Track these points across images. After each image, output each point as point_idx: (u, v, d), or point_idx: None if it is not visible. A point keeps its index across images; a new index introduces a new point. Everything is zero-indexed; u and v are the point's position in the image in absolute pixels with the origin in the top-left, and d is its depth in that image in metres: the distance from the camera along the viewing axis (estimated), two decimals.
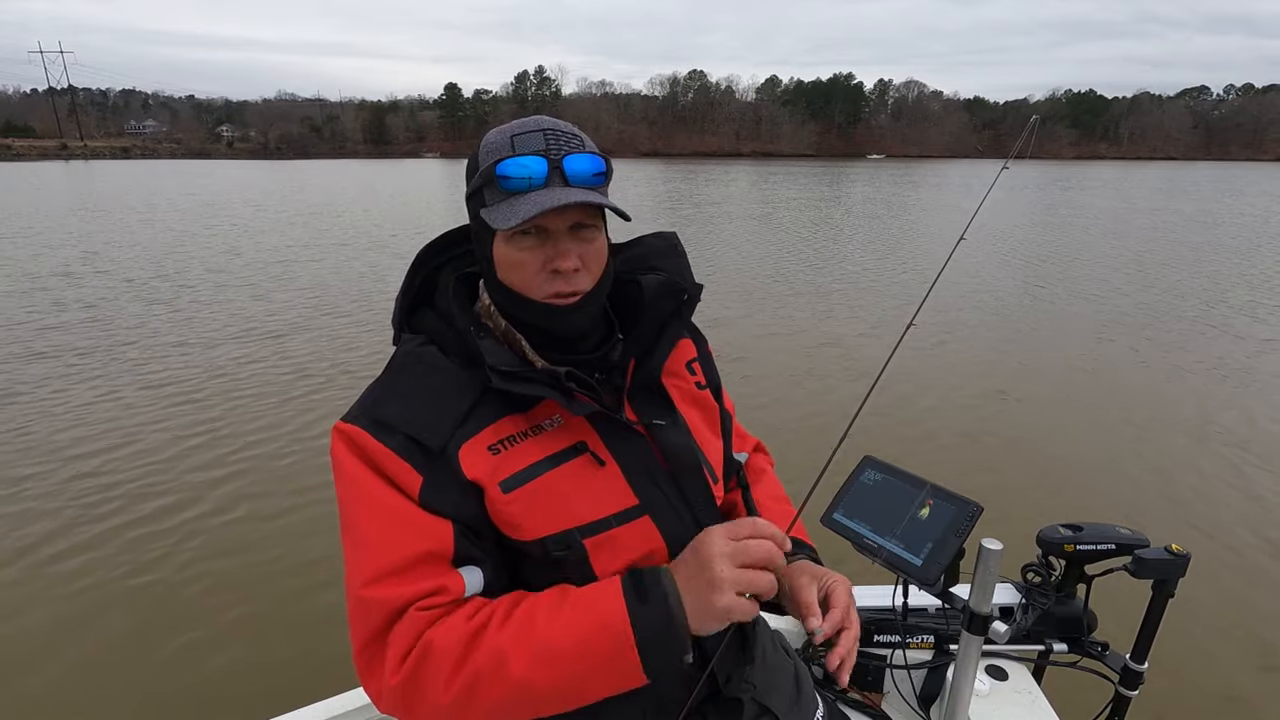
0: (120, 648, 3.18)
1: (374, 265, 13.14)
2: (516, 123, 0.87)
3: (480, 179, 0.86)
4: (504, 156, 0.84)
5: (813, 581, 0.92)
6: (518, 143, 0.84)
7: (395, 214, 23.04)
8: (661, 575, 0.80)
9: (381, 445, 0.82)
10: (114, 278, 11.60)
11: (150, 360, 7.23)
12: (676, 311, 1.01)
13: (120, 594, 3.54)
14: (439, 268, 0.99)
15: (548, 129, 0.86)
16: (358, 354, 7.53)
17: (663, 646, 0.76)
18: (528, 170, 0.82)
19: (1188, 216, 22.76)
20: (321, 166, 73.94)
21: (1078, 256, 14.13)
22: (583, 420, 0.90)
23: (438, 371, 0.88)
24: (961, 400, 6.19)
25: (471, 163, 0.89)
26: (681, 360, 1.07)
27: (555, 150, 0.84)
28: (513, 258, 0.86)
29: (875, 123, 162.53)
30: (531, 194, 0.82)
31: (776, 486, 1.22)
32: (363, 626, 0.80)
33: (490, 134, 0.88)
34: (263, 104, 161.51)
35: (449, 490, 0.83)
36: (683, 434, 0.99)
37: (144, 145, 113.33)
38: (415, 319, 0.96)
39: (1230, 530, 4.06)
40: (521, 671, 0.75)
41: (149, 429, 5.51)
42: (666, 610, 0.77)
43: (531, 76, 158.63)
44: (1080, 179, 49.90)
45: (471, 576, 0.84)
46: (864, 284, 11.46)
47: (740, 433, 1.22)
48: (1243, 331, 8.47)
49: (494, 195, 0.85)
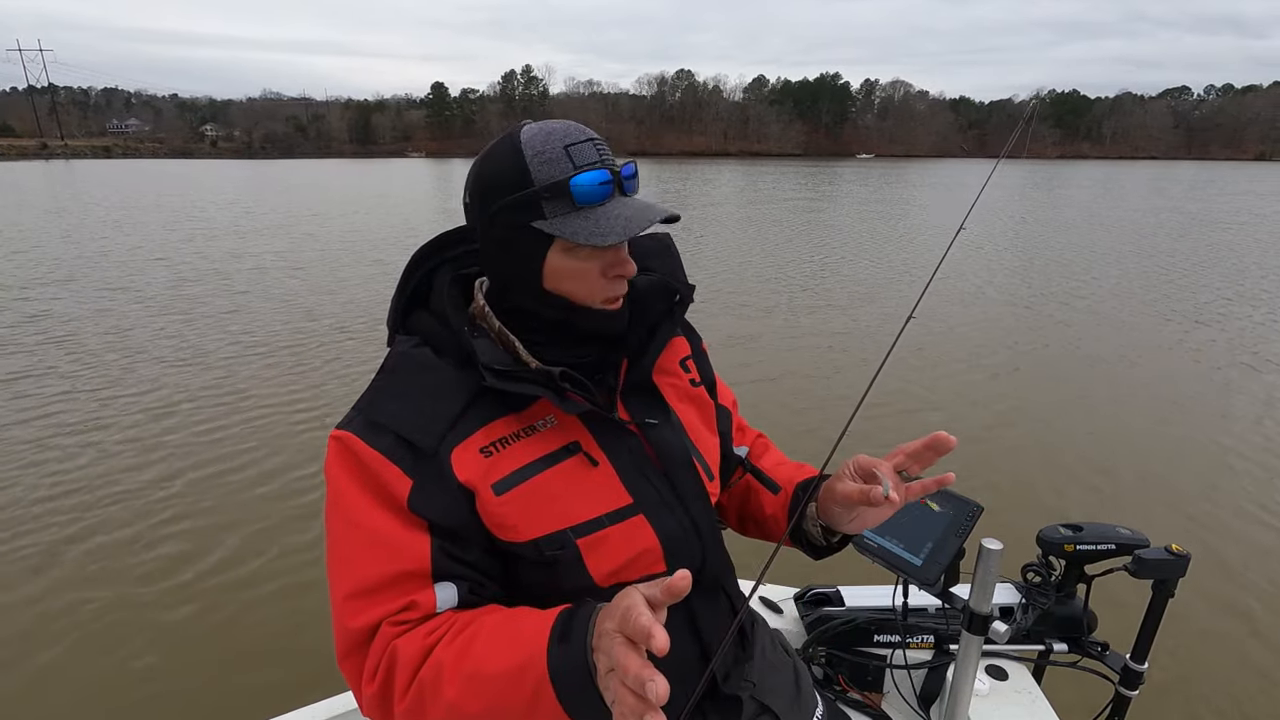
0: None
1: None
2: (557, 131, 0.86)
3: (543, 191, 0.84)
4: (578, 169, 0.84)
5: (841, 478, 0.94)
6: (574, 154, 0.84)
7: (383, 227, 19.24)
8: (591, 616, 0.73)
9: (372, 450, 0.83)
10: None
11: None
12: (669, 312, 1.02)
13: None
14: (434, 270, 0.99)
15: (593, 138, 0.87)
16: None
17: (579, 687, 0.70)
18: (602, 185, 0.84)
19: (1192, 216, 22.91)
20: (305, 166, 73.28)
21: (1077, 256, 14.18)
22: (576, 420, 0.90)
23: (431, 371, 0.88)
24: (961, 400, 6.21)
25: (506, 172, 0.85)
26: (675, 358, 1.07)
27: (609, 159, 0.86)
28: (574, 267, 0.87)
29: (862, 122, 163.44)
30: (609, 208, 0.84)
31: (780, 454, 1.23)
32: (343, 639, 0.83)
33: (532, 141, 0.85)
34: (248, 103, 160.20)
35: (438, 494, 0.83)
36: (675, 432, 1.00)
37: (126, 144, 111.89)
38: (410, 320, 0.96)
39: (1231, 530, 4.07)
40: (453, 693, 0.76)
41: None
42: (583, 654, 0.70)
43: (519, 76, 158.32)
44: (1067, 178, 50.36)
45: (444, 593, 0.84)
46: (868, 281, 11.51)
47: (741, 426, 1.23)
48: (1242, 330, 8.52)
49: (562, 208, 0.84)
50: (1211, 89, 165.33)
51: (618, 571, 0.90)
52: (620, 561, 0.90)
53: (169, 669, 3.04)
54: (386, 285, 8.98)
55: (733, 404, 1.20)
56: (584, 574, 0.88)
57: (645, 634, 0.61)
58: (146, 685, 2.95)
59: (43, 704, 2.85)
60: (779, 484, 1.13)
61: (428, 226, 18.83)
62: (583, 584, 0.90)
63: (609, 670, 0.66)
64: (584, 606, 0.75)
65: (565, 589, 0.90)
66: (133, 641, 3.19)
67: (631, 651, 0.63)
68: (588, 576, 0.89)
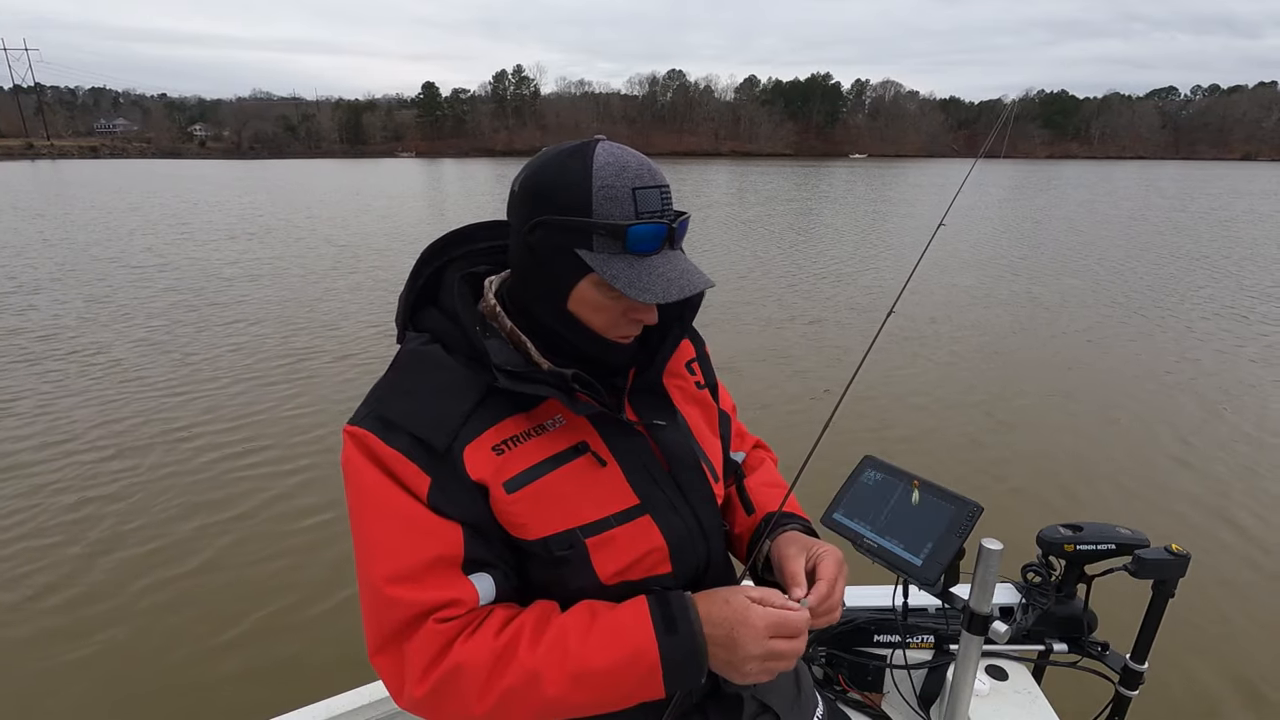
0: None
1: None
2: (630, 168, 0.85)
3: (599, 227, 0.83)
4: (639, 218, 0.84)
5: (801, 552, 0.96)
6: (640, 199, 0.84)
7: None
8: (688, 608, 0.87)
9: (389, 448, 0.84)
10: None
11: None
12: (679, 316, 1.03)
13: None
14: (444, 266, 0.99)
15: (661, 186, 0.86)
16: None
17: (685, 673, 0.85)
18: (656, 239, 0.85)
19: (1195, 214, 22.91)
20: (294, 166, 72.81)
21: (1076, 255, 14.19)
22: (584, 420, 0.92)
23: (442, 370, 0.89)
24: (962, 400, 6.20)
25: (568, 191, 0.84)
26: (681, 361, 1.10)
27: (671, 213, 0.87)
28: (598, 301, 0.88)
29: (853, 122, 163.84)
30: (655, 262, 0.85)
31: (772, 474, 1.23)
32: (378, 627, 0.83)
33: (603, 170, 0.84)
34: (237, 103, 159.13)
35: (456, 491, 0.85)
36: (682, 433, 1.01)
37: (113, 145, 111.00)
38: (419, 317, 0.96)
39: (1231, 530, 4.06)
40: (556, 691, 0.81)
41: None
42: (692, 643, 0.85)
43: (510, 75, 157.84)
44: (1058, 177, 50.57)
45: (483, 584, 0.86)
46: (873, 278, 11.53)
47: (740, 432, 1.24)
48: (1242, 328, 8.53)
49: (612, 247, 0.84)
50: (1199, 89, 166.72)
51: (623, 571, 0.91)
52: (626, 561, 0.91)
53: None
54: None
55: (732, 409, 1.21)
56: (590, 573, 0.90)
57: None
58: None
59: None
60: (754, 506, 1.14)
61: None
62: (588, 583, 0.91)
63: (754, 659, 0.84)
64: (672, 597, 0.87)
65: (571, 587, 0.91)
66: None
67: (782, 642, 0.85)
68: (593, 576, 0.90)
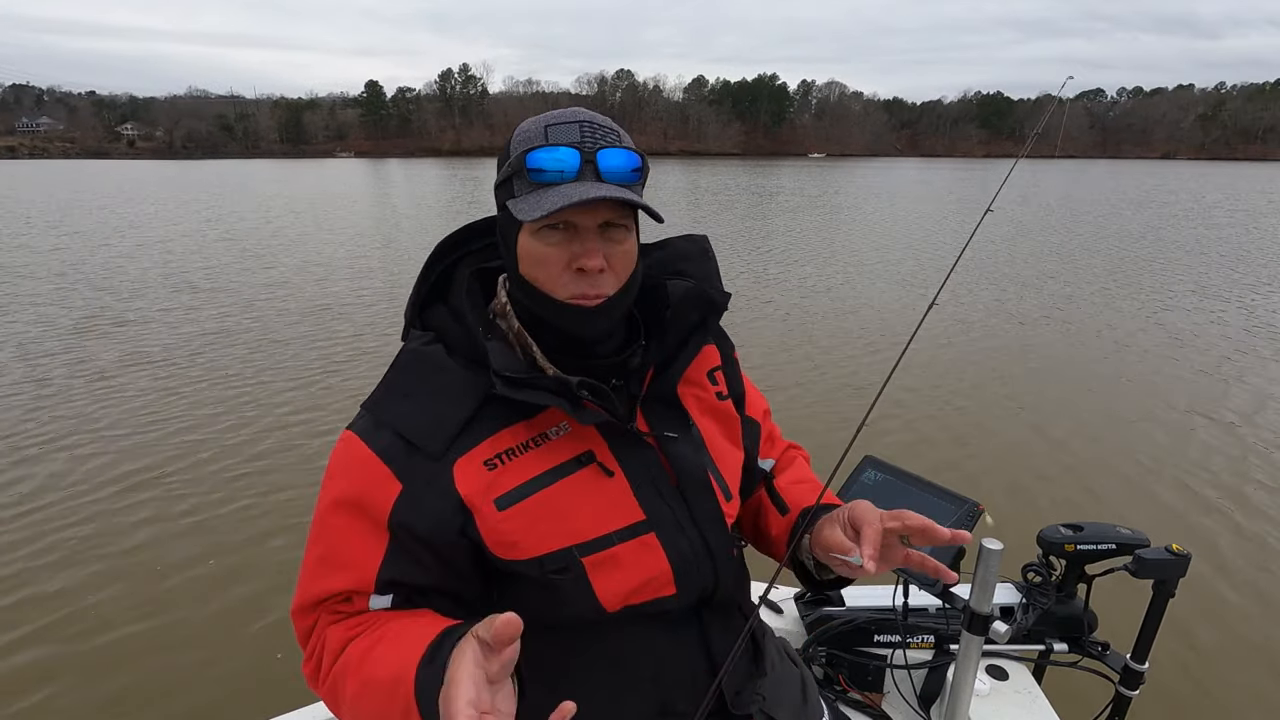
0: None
1: None
2: (554, 113, 0.83)
3: (510, 168, 0.82)
4: (535, 146, 0.80)
5: (833, 523, 0.89)
6: (551, 133, 0.80)
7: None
8: (457, 645, 0.70)
9: (368, 450, 0.82)
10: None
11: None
12: (702, 322, 0.97)
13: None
14: (458, 261, 0.93)
15: (584, 120, 0.81)
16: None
17: (437, 711, 0.68)
18: (560, 162, 0.78)
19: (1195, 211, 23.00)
20: (228, 167, 70.14)
21: (1074, 255, 14.21)
22: (591, 429, 0.86)
23: (440, 373, 0.84)
24: (962, 400, 6.15)
25: (503, 152, 0.85)
26: (703, 369, 1.01)
27: (590, 143, 0.80)
28: (537, 252, 0.81)
29: (799, 122, 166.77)
30: (562, 187, 0.78)
31: (804, 470, 1.17)
32: (298, 635, 0.89)
33: (525, 122, 0.85)
34: (171, 101, 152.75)
35: (431, 500, 0.81)
36: (694, 448, 0.94)
37: (33, 144, 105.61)
38: (427, 314, 0.91)
39: (1231, 529, 4.06)
40: (351, 690, 0.79)
41: None
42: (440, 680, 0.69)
43: (456, 75, 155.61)
44: (998, 176, 51.89)
45: (379, 601, 0.84)
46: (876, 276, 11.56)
47: (772, 436, 1.16)
48: (1241, 328, 8.55)
49: (523, 186, 0.81)
50: (1124, 91, 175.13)
51: (627, 596, 0.86)
52: (629, 585, 0.86)
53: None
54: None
55: (764, 414, 1.14)
56: (590, 597, 0.84)
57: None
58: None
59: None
60: (788, 505, 1.08)
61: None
62: (589, 609, 0.85)
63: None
64: (462, 628, 0.73)
65: (569, 616, 0.86)
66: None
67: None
68: (594, 600, 0.84)
